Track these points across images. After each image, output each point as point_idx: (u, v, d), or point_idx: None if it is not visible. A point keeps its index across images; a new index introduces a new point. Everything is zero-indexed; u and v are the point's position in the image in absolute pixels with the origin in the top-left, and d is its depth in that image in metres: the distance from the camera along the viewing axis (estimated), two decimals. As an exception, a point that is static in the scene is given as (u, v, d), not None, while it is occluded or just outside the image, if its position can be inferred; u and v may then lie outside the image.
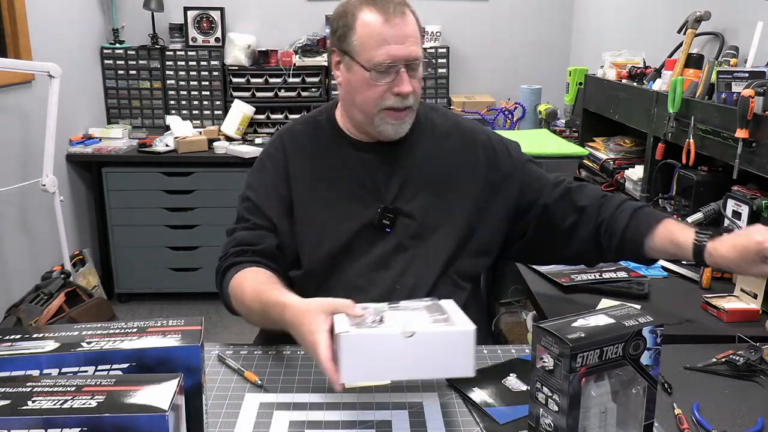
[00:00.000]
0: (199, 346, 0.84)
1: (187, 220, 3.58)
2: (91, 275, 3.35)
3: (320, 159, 1.42)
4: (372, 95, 1.33)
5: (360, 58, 1.31)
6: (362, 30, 1.31)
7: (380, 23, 1.30)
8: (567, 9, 4.02)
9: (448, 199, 1.41)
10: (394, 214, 1.37)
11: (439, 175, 1.42)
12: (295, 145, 1.43)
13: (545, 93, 3.67)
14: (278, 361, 1.24)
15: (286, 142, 1.44)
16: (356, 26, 1.32)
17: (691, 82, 1.96)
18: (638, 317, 0.91)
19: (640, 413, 0.91)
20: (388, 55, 1.29)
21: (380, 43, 1.29)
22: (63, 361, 0.81)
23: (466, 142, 1.46)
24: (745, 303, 1.46)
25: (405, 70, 1.31)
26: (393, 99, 1.33)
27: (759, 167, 1.56)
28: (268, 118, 3.87)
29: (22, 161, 3.02)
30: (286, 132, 1.47)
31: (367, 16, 1.31)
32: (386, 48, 1.29)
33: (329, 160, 1.42)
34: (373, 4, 1.31)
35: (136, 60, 3.81)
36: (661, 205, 2.09)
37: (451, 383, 1.15)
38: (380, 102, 1.33)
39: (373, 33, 1.30)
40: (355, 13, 1.32)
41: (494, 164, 1.45)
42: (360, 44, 1.31)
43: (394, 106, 1.33)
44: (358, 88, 1.34)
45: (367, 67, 1.31)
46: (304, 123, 1.48)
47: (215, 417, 1.06)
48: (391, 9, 1.30)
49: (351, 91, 1.37)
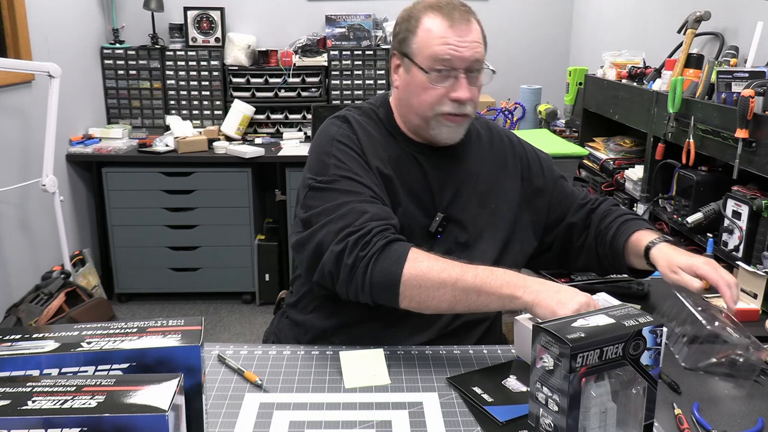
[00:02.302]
0: (199, 346, 0.84)
1: (187, 220, 3.58)
2: (91, 275, 3.35)
3: (384, 151, 1.37)
4: (429, 98, 1.31)
5: (419, 61, 1.30)
6: (424, 33, 1.30)
7: (444, 27, 1.28)
8: (567, 9, 4.02)
9: (491, 209, 1.42)
10: (447, 222, 1.38)
11: (484, 184, 1.43)
12: (364, 132, 1.37)
13: (545, 93, 3.68)
14: (278, 361, 1.24)
15: (356, 128, 1.37)
16: (418, 30, 1.31)
17: (691, 82, 1.96)
18: (638, 317, 0.91)
19: (640, 413, 0.91)
20: (448, 54, 1.28)
21: (441, 46, 1.28)
22: (63, 361, 0.81)
23: (507, 154, 1.48)
24: (745, 303, 1.46)
25: (464, 76, 1.30)
26: (450, 105, 1.31)
27: (759, 167, 1.56)
28: (268, 118, 3.87)
29: (22, 161, 3.02)
30: (352, 119, 1.38)
31: (430, 19, 1.30)
32: (447, 51, 1.28)
33: (390, 153, 1.37)
34: (438, 9, 1.30)
35: (136, 60, 3.81)
36: (661, 205, 2.09)
37: (452, 383, 1.15)
38: (437, 106, 1.31)
39: (436, 36, 1.28)
40: (419, 17, 1.31)
41: (528, 178, 1.48)
42: (421, 47, 1.30)
43: (451, 112, 1.32)
44: (416, 90, 1.32)
45: (426, 68, 1.29)
46: (361, 114, 1.42)
47: (215, 417, 1.06)
48: (457, 15, 1.29)
49: (409, 93, 1.34)
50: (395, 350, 1.28)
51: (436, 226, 1.36)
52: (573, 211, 1.50)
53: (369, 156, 1.34)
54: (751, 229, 1.59)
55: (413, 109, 1.35)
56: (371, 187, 1.29)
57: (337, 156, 1.32)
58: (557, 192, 1.51)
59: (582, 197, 1.53)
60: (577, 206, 1.51)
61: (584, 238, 1.49)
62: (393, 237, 1.22)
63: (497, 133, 1.51)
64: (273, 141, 3.75)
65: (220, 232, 3.59)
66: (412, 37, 1.32)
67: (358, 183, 1.28)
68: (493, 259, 1.40)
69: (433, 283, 1.16)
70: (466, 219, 1.39)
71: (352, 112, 1.42)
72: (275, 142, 3.74)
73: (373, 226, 1.21)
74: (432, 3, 1.32)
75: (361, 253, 1.19)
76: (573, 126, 3.19)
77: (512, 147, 1.50)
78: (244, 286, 3.66)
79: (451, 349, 1.29)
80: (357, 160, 1.32)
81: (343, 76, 3.85)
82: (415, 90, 1.33)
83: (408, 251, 1.19)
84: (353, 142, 1.35)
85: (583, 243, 1.49)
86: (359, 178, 1.29)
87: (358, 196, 1.26)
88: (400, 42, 1.34)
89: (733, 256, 1.63)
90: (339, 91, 3.86)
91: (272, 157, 3.51)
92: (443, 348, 1.29)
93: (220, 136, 3.71)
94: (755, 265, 1.49)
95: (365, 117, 1.42)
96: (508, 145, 1.50)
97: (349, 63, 3.83)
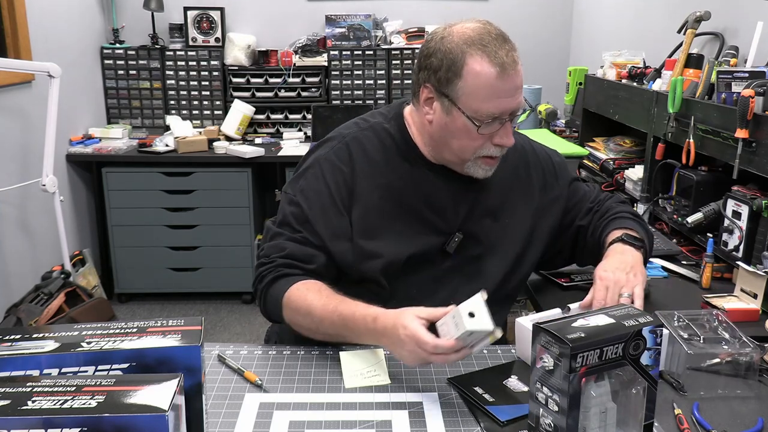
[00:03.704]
0: (199, 346, 0.84)
1: (187, 220, 3.58)
2: (91, 275, 3.35)
3: (389, 173, 1.34)
4: (472, 144, 1.27)
5: (466, 108, 1.24)
6: (473, 80, 1.21)
7: (494, 76, 1.21)
8: (567, 9, 4.02)
9: (505, 222, 1.41)
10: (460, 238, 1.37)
11: (499, 197, 1.41)
12: (363, 158, 1.34)
13: (545, 93, 3.67)
14: (278, 361, 1.24)
15: (353, 153, 1.34)
16: (465, 73, 1.22)
17: (691, 82, 1.96)
18: (638, 317, 0.91)
19: (640, 413, 0.91)
20: (498, 110, 1.23)
21: (491, 97, 1.22)
22: (63, 361, 0.81)
23: (522, 163, 1.46)
24: (745, 303, 1.46)
25: (509, 122, 1.27)
26: (493, 149, 1.29)
27: (759, 167, 1.56)
28: (268, 118, 3.87)
29: (22, 161, 3.02)
30: (353, 141, 1.36)
31: (479, 65, 1.21)
32: (497, 102, 1.22)
33: (397, 175, 1.35)
34: (484, 51, 1.21)
35: (136, 60, 3.81)
36: (661, 205, 2.09)
37: (452, 383, 1.16)
38: (480, 151, 1.29)
39: (486, 85, 1.21)
40: (464, 58, 1.22)
41: (543, 187, 1.47)
42: (469, 94, 1.23)
43: (492, 155, 1.30)
44: (457, 134, 1.27)
45: (473, 118, 1.24)
46: (371, 130, 1.38)
47: (215, 417, 1.06)
48: (505, 59, 1.21)
49: (447, 134, 1.29)
50: (395, 350, 1.28)
51: (454, 245, 1.36)
52: (582, 214, 1.50)
53: (360, 181, 1.33)
54: (751, 229, 1.59)
55: (451, 150, 1.31)
56: (314, 225, 1.31)
57: (310, 180, 1.34)
58: (571, 195, 1.50)
59: (592, 199, 1.52)
60: (586, 209, 1.50)
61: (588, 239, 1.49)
62: (276, 275, 1.29)
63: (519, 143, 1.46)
64: (273, 141, 3.75)
65: (220, 232, 3.59)
66: (457, 80, 1.23)
67: (303, 217, 1.32)
68: (506, 270, 1.40)
69: (301, 327, 1.27)
70: (479, 233, 1.38)
71: (360, 128, 1.39)
72: (275, 142, 3.74)
73: (279, 263, 1.30)
74: (474, 38, 1.22)
75: (258, 286, 1.32)
76: (573, 126, 3.19)
77: (526, 155, 1.47)
78: (244, 286, 3.66)
79: (451, 349, 1.29)
80: (324, 198, 1.32)
81: (343, 76, 3.85)
82: (456, 134, 1.27)
83: (282, 296, 1.26)
84: (338, 172, 1.33)
85: (585, 244, 1.49)
86: (308, 213, 1.32)
87: (293, 232, 1.31)
88: (441, 81, 1.25)
89: (733, 256, 1.63)
90: (339, 91, 3.86)
91: (272, 157, 3.51)
92: (443, 348, 1.29)
93: (220, 136, 3.71)
94: (755, 265, 1.49)
95: (373, 135, 1.37)
96: (522, 155, 1.46)
97: (349, 63, 3.83)
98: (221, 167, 3.53)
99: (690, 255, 1.84)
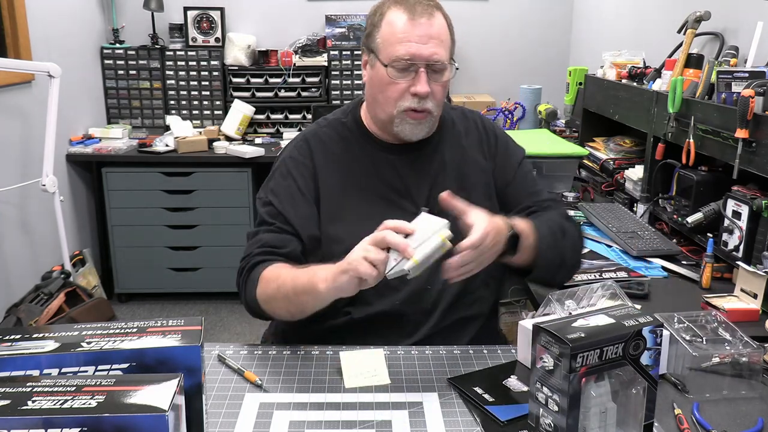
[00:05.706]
0: (199, 346, 0.84)
1: (187, 220, 3.58)
2: (91, 275, 3.35)
3: (349, 162, 1.41)
4: (391, 94, 1.32)
5: (381, 55, 1.32)
6: (386, 27, 1.32)
7: (404, 21, 1.29)
8: (567, 9, 4.02)
9: (472, 199, 1.37)
10: None
11: (462, 174, 1.43)
12: (322, 150, 1.41)
13: (545, 93, 3.67)
14: (278, 361, 1.24)
15: (313, 147, 1.42)
16: (382, 24, 1.33)
17: (691, 82, 1.96)
18: (638, 317, 0.91)
19: (640, 413, 0.91)
20: (407, 53, 1.29)
21: (401, 40, 1.29)
22: (63, 361, 0.81)
23: (481, 140, 1.47)
24: (745, 303, 1.46)
25: (425, 71, 1.30)
26: (411, 99, 1.32)
27: (759, 167, 1.56)
28: (268, 118, 3.87)
29: (22, 161, 3.02)
30: (312, 136, 1.44)
31: (393, 14, 1.31)
32: (406, 45, 1.29)
33: (358, 162, 1.41)
34: (402, 3, 1.31)
35: (136, 60, 3.81)
36: (661, 205, 2.09)
37: (452, 383, 1.16)
38: (400, 102, 1.32)
39: (396, 30, 1.30)
40: (383, 11, 1.33)
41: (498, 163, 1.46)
42: (383, 41, 1.32)
43: (413, 107, 1.32)
44: (379, 86, 1.34)
45: (386, 63, 1.30)
46: (328, 126, 1.46)
47: (215, 417, 1.06)
48: (419, 9, 1.30)
49: (373, 89, 1.36)
50: (395, 350, 1.28)
51: None
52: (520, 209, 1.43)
53: (321, 173, 1.39)
54: (751, 229, 1.59)
55: (379, 105, 1.36)
56: (285, 215, 1.36)
57: (277, 179, 1.41)
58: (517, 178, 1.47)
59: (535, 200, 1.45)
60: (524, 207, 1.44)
61: None
62: (254, 262, 1.32)
63: (472, 120, 1.51)
64: (273, 141, 3.75)
65: (220, 232, 3.59)
66: (376, 31, 1.33)
67: (275, 212, 1.37)
68: None
69: (271, 298, 1.27)
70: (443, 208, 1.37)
71: (318, 125, 1.47)
72: (275, 142, 3.74)
73: (256, 252, 1.33)
74: None
75: (239, 279, 1.35)
76: (573, 126, 3.18)
77: (486, 131, 1.49)
78: (244, 286, 3.65)
79: (451, 349, 1.29)
80: (292, 191, 1.38)
81: (343, 76, 3.85)
82: (379, 85, 1.34)
83: (258, 277, 1.28)
84: (301, 165, 1.40)
85: None
86: (279, 207, 1.37)
87: (268, 226, 1.37)
88: (367, 37, 1.37)
89: (733, 256, 1.63)
90: (339, 91, 3.86)
91: (272, 157, 3.50)
92: (443, 348, 1.29)
93: (220, 136, 3.71)
94: (755, 265, 1.49)
95: (330, 129, 1.44)
96: (482, 130, 1.49)
97: (349, 63, 3.83)
98: (221, 167, 3.53)
99: (690, 255, 1.84)
